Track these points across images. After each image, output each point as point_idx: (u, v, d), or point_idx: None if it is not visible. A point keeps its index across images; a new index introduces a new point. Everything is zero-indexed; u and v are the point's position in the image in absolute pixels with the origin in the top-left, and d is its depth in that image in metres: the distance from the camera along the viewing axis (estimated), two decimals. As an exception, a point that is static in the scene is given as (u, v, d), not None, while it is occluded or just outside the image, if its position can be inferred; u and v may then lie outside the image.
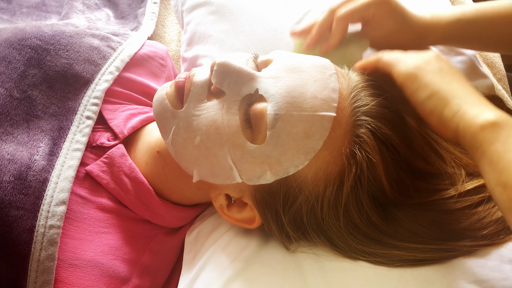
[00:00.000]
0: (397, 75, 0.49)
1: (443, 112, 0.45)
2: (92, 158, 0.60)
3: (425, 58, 0.50)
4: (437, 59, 0.50)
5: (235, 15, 0.79)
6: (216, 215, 0.62)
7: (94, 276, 0.52)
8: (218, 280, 0.51)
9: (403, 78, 0.48)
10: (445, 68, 0.48)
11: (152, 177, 0.59)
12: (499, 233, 0.51)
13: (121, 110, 0.65)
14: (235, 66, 0.49)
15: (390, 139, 0.49)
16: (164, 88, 0.54)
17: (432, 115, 0.46)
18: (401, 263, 0.49)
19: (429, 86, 0.46)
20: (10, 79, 0.57)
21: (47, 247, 0.49)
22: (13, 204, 0.49)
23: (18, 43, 0.60)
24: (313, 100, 0.47)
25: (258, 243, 0.55)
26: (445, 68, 0.49)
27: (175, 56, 0.95)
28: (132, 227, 0.58)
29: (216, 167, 0.50)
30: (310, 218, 0.50)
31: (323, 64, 0.51)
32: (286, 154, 0.47)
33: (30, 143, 0.54)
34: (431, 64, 0.49)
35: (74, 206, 0.55)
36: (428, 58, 0.50)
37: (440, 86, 0.46)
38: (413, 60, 0.50)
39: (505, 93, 0.84)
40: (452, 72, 0.48)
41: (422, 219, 0.51)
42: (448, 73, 0.48)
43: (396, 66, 0.50)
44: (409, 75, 0.48)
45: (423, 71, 0.48)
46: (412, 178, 0.52)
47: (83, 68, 0.62)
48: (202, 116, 0.50)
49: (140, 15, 0.94)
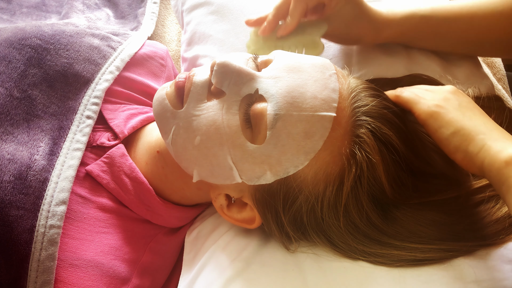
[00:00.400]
0: (419, 113, 0.51)
1: (468, 148, 0.46)
2: (92, 158, 0.60)
3: (444, 94, 0.51)
4: (455, 95, 0.51)
5: (235, 15, 0.79)
6: (216, 215, 0.62)
7: (94, 276, 0.52)
8: (218, 280, 0.51)
9: (425, 116, 0.50)
10: (464, 103, 0.50)
11: (152, 177, 0.59)
12: (499, 233, 0.51)
13: (121, 110, 0.65)
14: (235, 66, 0.49)
15: (390, 139, 0.49)
16: (164, 88, 0.54)
17: (458, 151, 0.47)
18: (401, 263, 0.49)
19: (452, 124, 0.48)
20: (10, 79, 0.57)
21: (47, 247, 0.49)
22: (13, 204, 0.49)
23: (18, 43, 0.60)
24: (313, 100, 0.47)
25: (258, 243, 0.55)
26: (465, 103, 0.50)
27: (175, 56, 0.95)
28: (132, 227, 0.58)
29: (216, 167, 0.50)
30: (310, 218, 0.50)
31: (323, 64, 0.51)
32: (286, 154, 0.47)
33: (30, 143, 0.54)
34: (451, 101, 0.50)
35: (74, 206, 0.55)
36: (447, 95, 0.51)
37: (462, 123, 0.47)
38: (432, 97, 0.51)
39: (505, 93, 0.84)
40: (472, 106, 0.50)
41: (422, 219, 0.51)
42: (468, 108, 0.49)
43: (416, 105, 0.51)
44: (431, 114, 0.49)
45: (444, 109, 0.49)
46: (412, 178, 0.52)
47: (83, 68, 0.62)
48: (202, 116, 0.50)
49: (140, 15, 0.94)
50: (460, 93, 0.52)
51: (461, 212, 0.52)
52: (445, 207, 0.52)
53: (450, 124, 0.48)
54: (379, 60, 0.69)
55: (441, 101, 0.50)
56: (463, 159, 0.47)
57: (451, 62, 0.70)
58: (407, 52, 0.70)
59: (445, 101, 0.50)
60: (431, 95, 0.52)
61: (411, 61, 0.69)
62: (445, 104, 0.50)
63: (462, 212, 0.52)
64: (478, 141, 0.45)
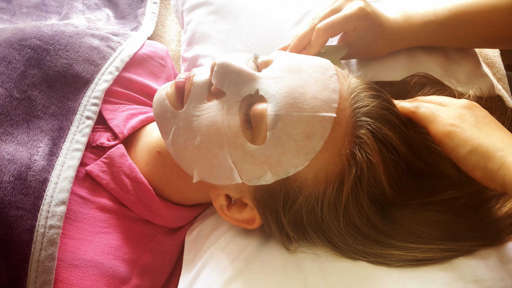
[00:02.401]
0: (434, 133, 0.50)
1: (487, 166, 0.46)
2: (92, 158, 0.60)
3: (459, 110, 0.51)
4: (470, 110, 0.51)
5: (235, 15, 0.79)
6: (216, 215, 0.62)
7: (94, 276, 0.52)
8: (218, 280, 0.51)
9: (441, 136, 0.49)
10: (480, 118, 0.50)
11: (152, 177, 0.59)
12: (499, 233, 0.51)
13: (121, 110, 0.65)
14: (236, 66, 0.49)
15: (390, 140, 0.49)
16: (164, 88, 0.54)
17: (476, 169, 0.47)
18: (401, 263, 0.49)
19: (469, 142, 0.47)
20: (10, 79, 0.57)
21: (47, 247, 0.49)
22: (13, 204, 0.49)
23: (18, 43, 0.60)
24: (314, 101, 0.47)
25: (258, 243, 0.55)
26: (480, 118, 0.50)
27: (175, 56, 0.95)
28: (132, 227, 0.58)
29: (216, 168, 0.50)
30: (310, 219, 0.50)
31: (324, 65, 0.51)
32: (286, 154, 0.47)
33: (30, 143, 0.54)
34: (466, 118, 0.50)
35: (74, 206, 0.55)
36: (462, 111, 0.51)
37: (479, 140, 0.47)
38: (447, 115, 0.50)
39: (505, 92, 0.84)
40: (488, 121, 0.50)
41: (422, 219, 0.51)
42: (484, 123, 0.49)
43: (432, 124, 0.51)
44: (447, 134, 0.49)
45: (460, 128, 0.49)
46: (412, 178, 0.52)
47: (83, 68, 0.62)
48: (202, 117, 0.50)
49: (140, 15, 0.94)
50: (475, 107, 0.52)
51: (461, 212, 0.52)
52: (445, 207, 0.52)
53: (467, 142, 0.47)
54: (379, 59, 0.69)
55: (456, 119, 0.50)
56: (483, 176, 0.47)
57: (451, 61, 0.70)
58: (407, 51, 0.70)
59: (460, 118, 0.50)
60: (446, 112, 0.51)
61: (412, 59, 0.69)
62: (460, 122, 0.49)
63: (462, 212, 0.52)
64: (497, 159, 0.45)
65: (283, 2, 0.80)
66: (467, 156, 0.47)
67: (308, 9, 0.78)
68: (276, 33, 0.76)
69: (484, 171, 0.46)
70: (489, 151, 0.46)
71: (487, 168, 0.46)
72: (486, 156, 0.46)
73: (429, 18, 0.64)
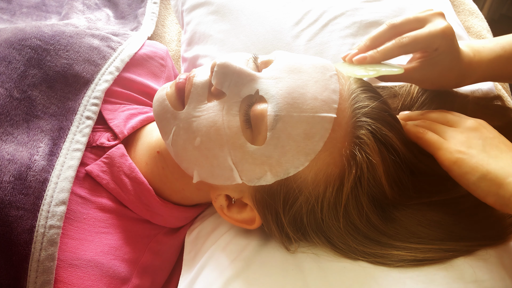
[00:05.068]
0: (441, 160, 0.49)
1: (499, 192, 0.45)
2: (92, 158, 0.60)
3: (466, 134, 0.49)
4: (478, 132, 0.49)
5: (235, 15, 0.79)
6: (216, 215, 0.62)
7: (94, 276, 0.52)
8: (218, 280, 0.51)
9: (449, 164, 0.48)
10: (488, 141, 0.48)
11: (152, 177, 0.59)
12: (499, 233, 0.51)
13: (121, 110, 0.65)
14: (236, 67, 0.49)
15: (390, 140, 0.49)
16: (164, 88, 0.54)
17: (488, 196, 0.46)
18: (401, 263, 0.49)
19: (477, 169, 0.46)
20: (10, 79, 0.57)
21: (47, 247, 0.49)
22: (13, 204, 0.49)
23: (18, 43, 0.60)
24: (314, 101, 0.47)
25: (258, 243, 0.55)
26: (489, 140, 0.48)
27: (175, 56, 0.95)
28: (132, 227, 0.58)
29: (217, 168, 0.50)
30: (310, 219, 0.50)
31: (324, 65, 0.51)
32: (286, 155, 0.47)
33: (30, 143, 0.54)
34: (473, 142, 0.48)
35: (74, 206, 0.55)
36: (470, 133, 0.49)
37: (488, 167, 0.46)
38: (454, 140, 0.49)
39: (505, 92, 0.84)
40: (496, 142, 0.48)
41: (422, 219, 0.51)
42: (492, 145, 0.48)
43: (439, 151, 0.49)
44: (454, 161, 0.48)
45: (467, 155, 0.47)
46: (412, 179, 0.52)
47: (83, 68, 0.62)
48: (202, 117, 0.50)
49: (140, 15, 0.94)
50: (483, 128, 0.50)
51: (461, 212, 0.52)
52: (445, 207, 0.52)
53: (476, 170, 0.46)
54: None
55: (463, 145, 0.48)
56: (495, 202, 0.46)
57: None
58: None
59: (468, 143, 0.48)
60: (453, 136, 0.50)
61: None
62: (467, 148, 0.48)
63: (462, 212, 0.52)
64: (508, 185, 0.44)
65: (283, 2, 0.80)
66: (476, 183, 0.46)
67: (308, 9, 0.78)
68: (276, 33, 0.76)
69: (496, 197, 0.45)
70: (498, 177, 0.45)
71: (499, 195, 0.45)
72: (497, 183, 0.45)
73: (497, 52, 0.58)
